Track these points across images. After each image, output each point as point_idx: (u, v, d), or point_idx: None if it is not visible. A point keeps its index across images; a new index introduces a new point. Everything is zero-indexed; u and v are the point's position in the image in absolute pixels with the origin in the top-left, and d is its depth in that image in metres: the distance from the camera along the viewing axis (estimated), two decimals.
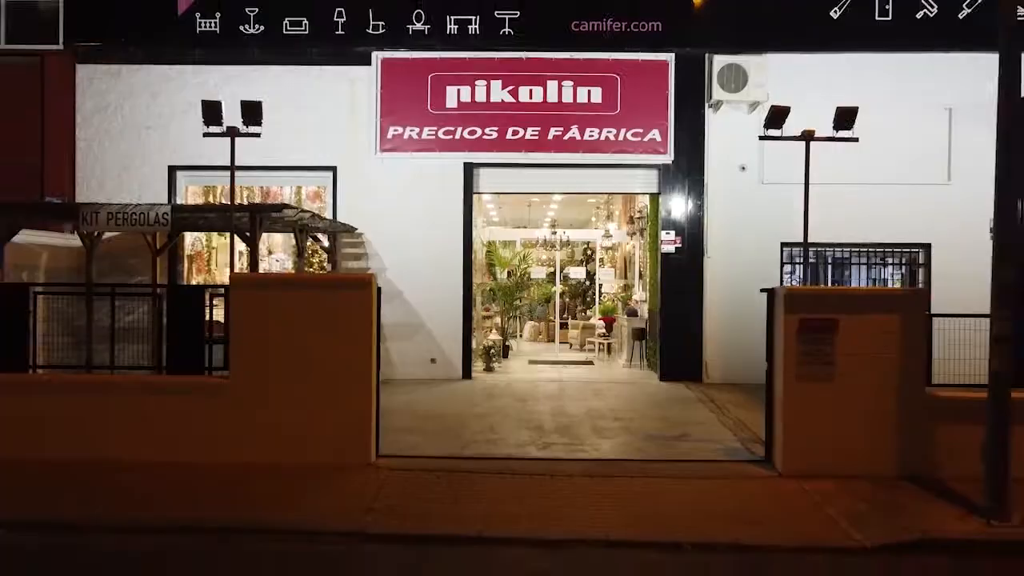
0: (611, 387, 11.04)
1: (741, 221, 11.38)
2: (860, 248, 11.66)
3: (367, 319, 6.61)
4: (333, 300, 6.62)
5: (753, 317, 11.45)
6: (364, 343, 6.62)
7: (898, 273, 12.44)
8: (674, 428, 8.32)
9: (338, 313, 6.58)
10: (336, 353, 6.57)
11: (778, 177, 11.28)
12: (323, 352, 6.56)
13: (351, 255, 11.52)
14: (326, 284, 6.82)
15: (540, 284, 17.29)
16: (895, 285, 12.00)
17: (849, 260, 11.88)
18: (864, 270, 12.31)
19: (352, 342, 6.59)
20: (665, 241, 11.43)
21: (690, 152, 11.40)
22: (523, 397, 10.13)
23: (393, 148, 11.41)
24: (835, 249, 11.70)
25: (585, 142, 11.36)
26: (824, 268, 12.06)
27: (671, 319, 11.48)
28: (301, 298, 6.63)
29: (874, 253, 11.69)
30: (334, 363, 6.57)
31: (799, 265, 11.65)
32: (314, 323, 6.57)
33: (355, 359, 6.62)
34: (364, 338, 6.62)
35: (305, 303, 6.61)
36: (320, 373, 6.56)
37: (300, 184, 12.07)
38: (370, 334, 6.62)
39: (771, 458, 6.79)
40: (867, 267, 12.32)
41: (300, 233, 9.01)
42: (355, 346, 6.60)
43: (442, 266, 11.46)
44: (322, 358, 6.56)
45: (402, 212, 11.44)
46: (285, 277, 8.77)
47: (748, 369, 11.08)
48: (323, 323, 6.57)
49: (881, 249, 11.63)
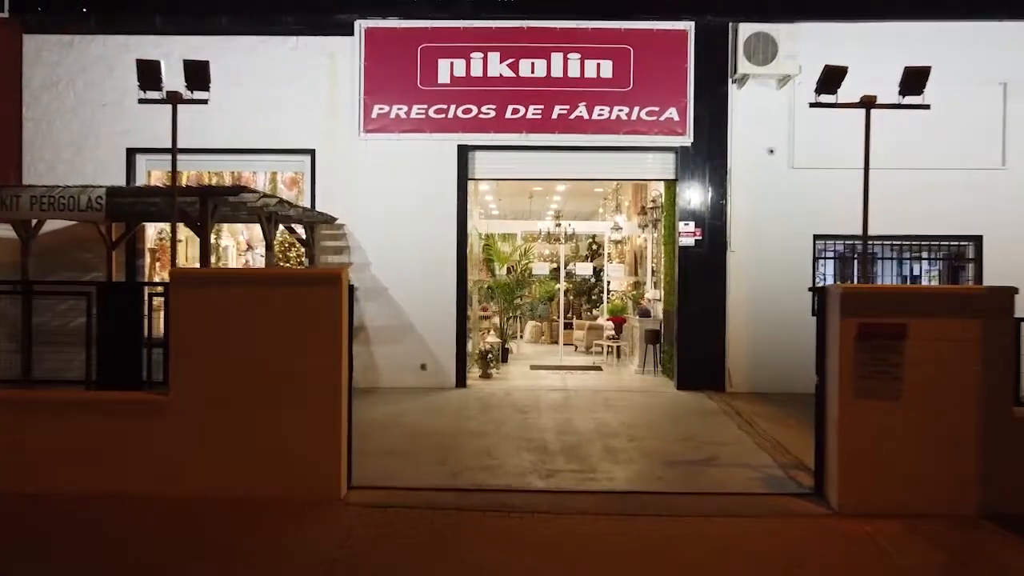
0: (622, 397, 10.00)
1: (768, 210, 10.33)
2: (899, 242, 10.61)
3: (336, 322, 5.56)
4: (295, 300, 5.57)
5: (783, 318, 10.48)
6: (332, 350, 5.58)
7: (935, 268, 11.41)
8: (700, 449, 7.27)
9: (301, 315, 5.54)
10: (298, 363, 5.53)
11: (810, 161, 10.24)
12: (282, 362, 5.52)
13: (331, 248, 10.47)
14: (286, 281, 5.77)
15: (542, 281, 16.24)
16: (933, 283, 10.93)
17: (882, 254, 10.83)
18: (893, 265, 11.27)
19: (317, 350, 5.55)
20: (683, 233, 10.38)
21: (711, 133, 10.34)
22: (524, 409, 9.09)
23: (378, 129, 10.36)
24: (870, 243, 10.62)
25: (594, 122, 10.31)
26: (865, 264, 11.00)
27: (689, 320, 10.43)
28: (256, 297, 5.58)
29: (923, 246, 10.63)
30: (295, 375, 5.53)
31: (833, 260, 10.62)
32: (271, 327, 5.53)
33: (321, 370, 5.57)
34: (332, 345, 5.57)
35: (260, 303, 5.57)
36: (278, 387, 5.52)
37: (275, 169, 11.03)
38: (339, 340, 5.58)
39: (823, 491, 5.74)
40: (896, 262, 11.27)
41: (268, 222, 7.98)
42: (321, 354, 5.56)
43: (434, 261, 10.43)
44: (280, 369, 5.52)
45: (388, 200, 10.40)
46: (236, 273, 7.75)
47: (777, 377, 10.09)
48: (282, 327, 5.53)
49: (926, 242, 10.55)
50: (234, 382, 5.52)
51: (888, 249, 10.86)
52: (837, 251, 10.63)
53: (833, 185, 10.20)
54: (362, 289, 10.42)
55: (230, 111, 10.34)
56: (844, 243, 10.58)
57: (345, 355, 5.69)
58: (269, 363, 5.52)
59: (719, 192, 10.36)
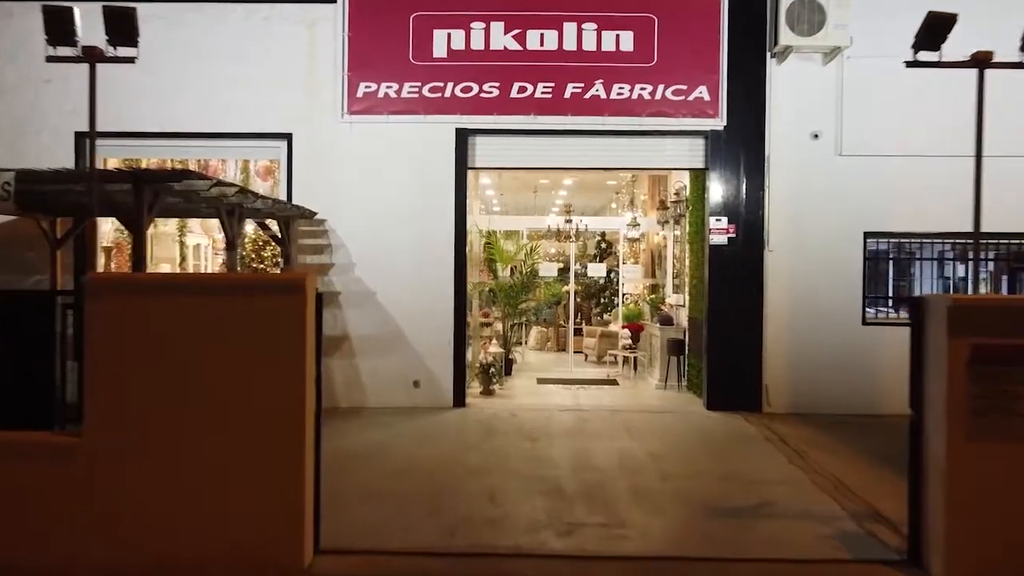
0: (645, 419, 8.83)
1: (812, 204, 9.17)
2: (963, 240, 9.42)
3: (299, 339, 4.39)
4: (247, 312, 4.40)
5: (829, 328, 9.27)
6: (294, 375, 4.41)
7: (985, 271, 10.22)
8: (748, 491, 6.10)
9: (255, 331, 4.37)
10: (250, 392, 4.37)
11: (861, 147, 9.08)
12: (230, 391, 4.36)
13: (309, 247, 9.30)
14: (237, 288, 4.61)
15: (549, 283, 15.08)
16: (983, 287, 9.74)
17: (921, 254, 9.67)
18: (932, 267, 10.10)
19: (276, 374, 4.38)
20: (715, 230, 9.20)
21: (747, 115, 9.17)
22: (532, 435, 7.93)
23: (364, 110, 9.19)
24: (922, 241, 9.46)
25: (612, 102, 9.13)
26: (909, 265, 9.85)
27: (721, 329, 9.26)
28: (198, 310, 4.41)
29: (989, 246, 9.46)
30: (246, 408, 4.37)
31: (889, 260, 9.46)
32: (217, 347, 4.37)
33: (280, 400, 4.40)
34: (294, 368, 4.40)
35: (204, 317, 4.40)
36: (224, 423, 4.36)
37: (247, 157, 9.86)
38: (304, 362, 4.41)
39: (920, 558, 4.57)
40: (936, 263, 10.10)
41: (231, 216, 6.82)
42: (280, 381, 4.39)
43: (428, 262, 9.26)
44: (228, 401, 4.36)
45: (376, 192, 9.23)
46: (173, 279, 6.55)
47: (822, 396, 8.95)
48: (231, 347, 4.37)
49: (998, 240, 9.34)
50: (167, 417, 4.35)
51: (930, 249, 9.68)
52: (891, 251, 9.45)
53: (888, 175, 9.06)
54: (345, 294, 9.26)
55: (194, 90, 9.20)
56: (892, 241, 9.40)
57: (312, 380, 4.53)
58: (214, 393, 4.36)
59: (756, 183, 9.19)
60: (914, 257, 9.80)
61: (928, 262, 10.04)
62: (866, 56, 8.95)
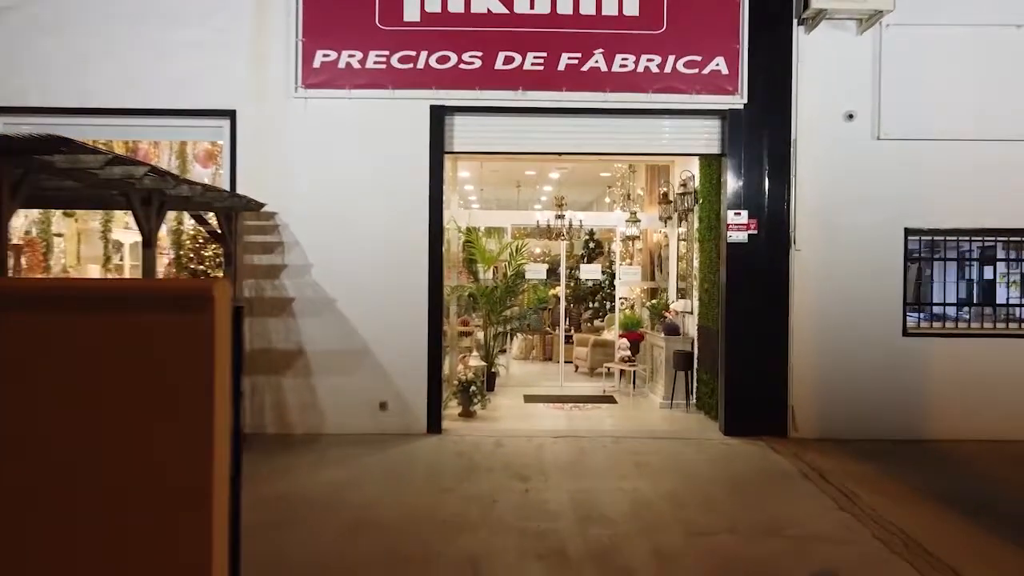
0: (655, 447, 7.61)
1: (846, 196, 8.03)
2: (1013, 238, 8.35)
3: (200, 372, 3.08)
4: (128, 336, 3.09)
5: (864, 339, 8.05)
6: (194, 422, 3.09)
7: (1017, 270, 9.14)
8: (801, 554, 4.90)
9: (131, 363, 3.07)
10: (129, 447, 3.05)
11: (903, 129, 7.96)
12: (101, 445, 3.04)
13: (257, 245, 7.99)
14: (114, 302, 3.30)
15: (538, 287, 13.86)
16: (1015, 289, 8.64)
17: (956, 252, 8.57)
18: (953, 268, 8.98)
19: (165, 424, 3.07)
20: (733, 226, 8.02)
21: (771, 92, 8.00)
22: (523, 471, 6.69)
23: (322, 83, 7.90)
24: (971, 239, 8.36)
25: (614, 75, 7.93)
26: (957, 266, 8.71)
27: (739, 341, 8.08)
28: (57, 331, 3.09)
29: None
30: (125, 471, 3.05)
31: (935, 261, 8.33)
32: (84, 383, 3.05)
33: (176, 455, 3.09)
34: (194, 412, 3.08)
35: (65, 342, 3.08)
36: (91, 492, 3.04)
37: (184, 138, 8.52)
38: (207, 402, 3.10)
39: None
40: (955, 264, 8.97)
41: (144, 206, 5.50)
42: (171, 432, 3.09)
43: (398, 262, 8.00)
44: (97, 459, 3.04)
45: (336, 181, 7.96)
46: (20, 286, 5.20)
47: (858, 419, 7.89)
48: (104, 383, 3.05)
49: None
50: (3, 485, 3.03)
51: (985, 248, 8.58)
52: (935, 249, 8.32)
53: (933, 162, 7.96)
54: (300, 300, 7.96)
55: (120, 59, 7.88)
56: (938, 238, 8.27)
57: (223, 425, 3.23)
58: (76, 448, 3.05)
59: (780, 171, 8.02)
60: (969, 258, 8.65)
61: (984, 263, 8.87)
62: (909, 24, 7.84)
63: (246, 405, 7.87)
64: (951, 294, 8.47)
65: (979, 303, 8.55)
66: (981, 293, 8.71)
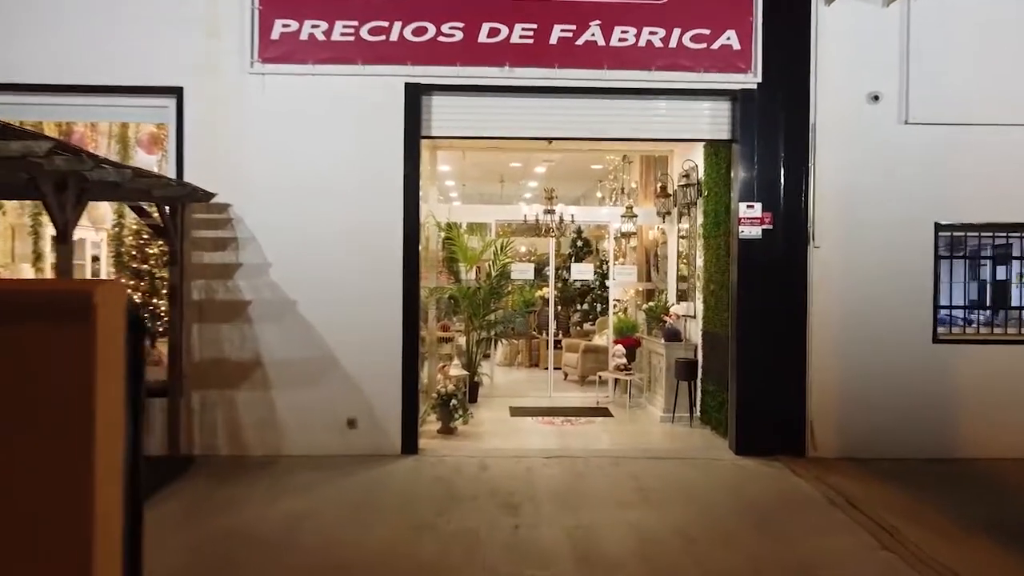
0: (659, 471, 6.83)
1: (870, 186, 7.30)
2: None
3: (79, 396, 2.24)
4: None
5: (891, 347, 7.24)
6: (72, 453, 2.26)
7: None
8: None
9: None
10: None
11: (934, 113, 7.25)
12: None
13: (208, 241, 7.13)
14: None
15: (522, 288, 13.06)
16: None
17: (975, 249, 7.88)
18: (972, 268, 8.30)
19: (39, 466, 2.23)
20: (745, 220, 7.27)
21: (787, 71, 7.26)
22: (511, 500, 5.89)
23: (282, 57, 7.07)
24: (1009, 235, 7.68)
25: (613, 50, 7.15)
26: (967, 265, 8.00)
27: (752, 349, 7.33)
28: None
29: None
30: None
31: (965, 259, 7.63)
32: None
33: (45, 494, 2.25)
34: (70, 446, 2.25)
35: None
36: None
37: (125, 119, 7.63)
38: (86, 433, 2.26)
39: None
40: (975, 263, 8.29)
41: (58, 193, 4.63)
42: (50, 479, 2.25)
43: (369, 261, 7.18)
44: None
45: (298, 169, 7.12)
46: None
47: (883, 435, 7.22)
48: None
49: None
50: None
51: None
52: (969, 246, 7.63)
53: (967, 150, 7.24)
54: (257, 303, 7.11)
55: (53, 29, 7.00)
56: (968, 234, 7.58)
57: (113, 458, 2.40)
58: None
59: (798, 160, 7.28)
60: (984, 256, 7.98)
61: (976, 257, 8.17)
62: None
63: (194, 424, 7.01)
64: (958, 295, 7.76)
65: (997, 306, 7.87)
66: (1001, 295, 8.03)
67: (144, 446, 2.75)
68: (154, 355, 7.47)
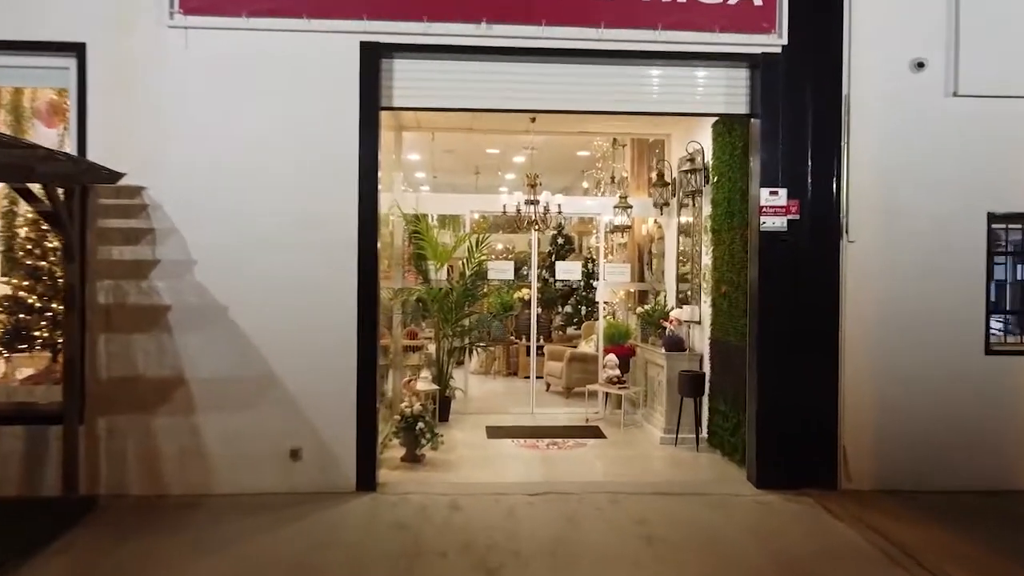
0: (667, 510, 5.75)
1: (913, 170, 6.29)
2: None
3: None
4: None
5: (937, 359, 6.05)
6: None
7: None
8: None
9: None
10: None
11: (988, 83, 6.27)
12: None
13: (118, 233, 5.92)
14: None
15: (499, 289, 11.95)
16: None
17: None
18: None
19: None
20: (767, 209, 6.21)
21: (816, 32, 6.22)
22: (489, 558, 4.77)
23: (209, 7, 5.88)
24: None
25: (612, 5, 6.07)
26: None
27: (775, 361, 6.27)
28: None
29: None
30: None
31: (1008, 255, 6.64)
32: None
33: None
34: None
35: None
36: None
37: (18, 83, 6.34)
38: None
39: None
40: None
41: None
42: None
43: (315, 258, 6.01)
44: None
45: (228, 146, 5.94)
46: None
47: (929, 463, 6.33)
48: None
49: None
50: None
51: None
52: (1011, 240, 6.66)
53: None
54: (179, 309, 5.92)
55: None
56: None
57: None
58: None
59: (828, 138, 6.24)
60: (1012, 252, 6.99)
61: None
62: None
63: (99, 456, 5.81)
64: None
65: None
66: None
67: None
68: (54, 372, 6.24)
